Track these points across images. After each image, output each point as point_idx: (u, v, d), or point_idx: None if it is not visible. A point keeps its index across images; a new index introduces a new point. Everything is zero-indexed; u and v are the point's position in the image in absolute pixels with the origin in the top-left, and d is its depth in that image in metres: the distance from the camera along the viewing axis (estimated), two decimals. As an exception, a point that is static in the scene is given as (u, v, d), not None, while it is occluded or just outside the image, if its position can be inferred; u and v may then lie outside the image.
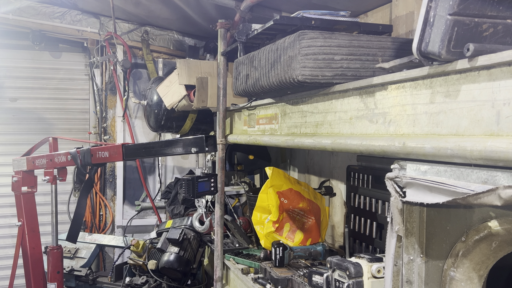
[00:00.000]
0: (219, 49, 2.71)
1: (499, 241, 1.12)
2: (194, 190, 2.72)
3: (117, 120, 4.45)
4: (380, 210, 2.15)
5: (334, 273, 1.58)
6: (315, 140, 1.72)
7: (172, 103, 3.13)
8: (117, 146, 3.08)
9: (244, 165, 3.40)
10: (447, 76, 1.15)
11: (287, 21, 1.89)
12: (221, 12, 3.15)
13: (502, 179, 0.99)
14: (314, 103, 1.82)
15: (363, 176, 2.28)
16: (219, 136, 2.74)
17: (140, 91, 4.49)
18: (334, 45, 1.59)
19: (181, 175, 4.59)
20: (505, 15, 1.09)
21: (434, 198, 1.14)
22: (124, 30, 4.32)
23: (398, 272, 1.31)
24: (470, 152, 1.02)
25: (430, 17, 1.11)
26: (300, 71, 1.58)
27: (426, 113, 1.22)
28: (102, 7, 4.00)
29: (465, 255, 1.20)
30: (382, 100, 1.41)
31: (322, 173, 3.04)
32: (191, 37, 4.47)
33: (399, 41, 1.69)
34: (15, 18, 3.98)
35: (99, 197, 4.43)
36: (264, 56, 1.84)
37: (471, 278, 1.21)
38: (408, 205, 1.28)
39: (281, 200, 2.52)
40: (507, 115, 0.98)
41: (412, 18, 2.16)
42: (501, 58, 0.98)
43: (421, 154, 1.18)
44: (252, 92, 2.03)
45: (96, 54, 4.32)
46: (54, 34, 4.16)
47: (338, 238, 2.85)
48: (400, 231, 1.28)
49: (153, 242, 3.43)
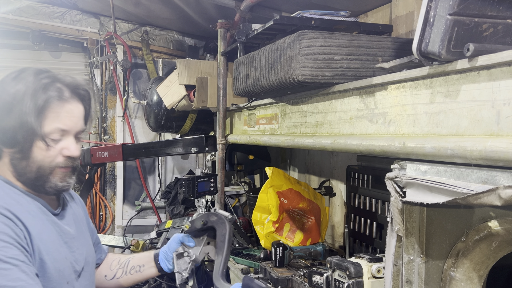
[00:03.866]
0: (219, 49, 2.71)
1: (499, 241, 1.12)
2: (194, 190, 2.72)
3: (117, 120, 4.45)
4: (380, 210, 2.15)
5: (334, 273, 1.58)
6: (315, 140, 1.72)
7: (172, 103, 3.13)
8: (117, 146, 3.08)
9: (244, 165, 3.39)
10: (447, 76, 1.15)
11: (287, 21, 1.89)
12: (221, 12, 3.15)
13: (502, 179, 0.99)
14: (314, 103, 1.82)
15: (363, 176, 2.28)
16: (219, 136, 2.74)
17: (140, 91, 4.49)
18: (334, 45, 1.59)
19: (181, 175, 4.59)
20: (505, 15, 1.09)
21: (434, 198, 1.14)
22: (124, 30, 4.32)
23: (398, 272, 1.31)
24: (470, 152, 1.02)
25: (430, 17, 1.11)
26: (300, 71, 1.58)
27: (426, 113, 1.22)
28: (102, 7, 4.00)
29: (465, 255, 1.20)
30: (382, 100, 1.41)
31: (322, 173, 3.04)
32: (191, 37, 4.47)
33: (399, 41, 1.69)
34: (15, 18, 3.97)
35: (99, 197, 4.43)
36: (264, 56, 1.84)
37: (471, 278, 1.21)
38: (408, 205, 1.28)
39: (281, 200, 2.52)
40: (507, 115, 0.98)
41: (412, 18, 2.16)
42: (501, 58, 0.98)
43: (421, 154, 1.19)
44: (252, 92, 2.03)
45: (96, 54, 4.31)
46: (54, 34, 4.16)
47: (338, 238, 2.85)
48: (400, 231, 1.29)
49: (153, 242, 3.43)
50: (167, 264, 1.64)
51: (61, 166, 1.31)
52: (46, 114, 1.26)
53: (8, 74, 1.31)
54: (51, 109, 1.26)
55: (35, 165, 1.28)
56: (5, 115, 1.25)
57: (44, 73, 1.30)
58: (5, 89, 1.26)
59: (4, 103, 1.25)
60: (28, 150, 1.26)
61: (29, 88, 1.24)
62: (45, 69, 1.32)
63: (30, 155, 1.27)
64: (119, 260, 1.70)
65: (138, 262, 1.67)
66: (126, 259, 1.70)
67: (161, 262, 1.64)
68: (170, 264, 1.63)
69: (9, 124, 1.24)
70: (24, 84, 1.25)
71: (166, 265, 1.64)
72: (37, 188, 1.32)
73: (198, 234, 1.61)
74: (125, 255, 1.76)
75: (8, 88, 1.26)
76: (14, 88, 1.25)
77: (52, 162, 1.30)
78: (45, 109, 1.25)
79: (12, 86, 1.26)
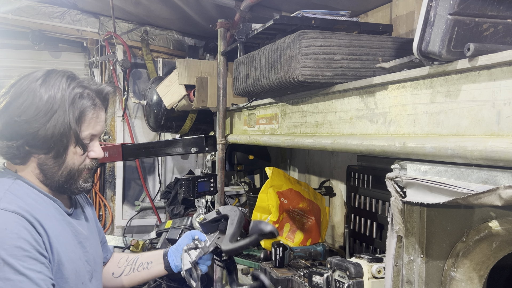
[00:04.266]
0: (219, 49, 2.70)
1: (500, 241, 1.12)
2: (194, 190, 2.72)
3: (116, 120, 4.45)
4: (380, 210, 2.15)
5: (334, 274, 1.58)
6: (315, 140, 1.72)
7: (171, 103, 3.13)
8: (117, 146, 3.08)
9: (244, 165, 3.39)
10: (448, 76, 1.14)
11: (287, 20, 1.89)
12: (221, 11, 3.15)
13: (502, 179, 0.98)
14: (314, 103, 1.81)
15: (363, 176, 2.28)
16: (219, 136, 2.74)
17: (139, 91, 4.48)
18: (334, 45, 1.59)
19: (181, 175, 4.58)
20: (505, 15, 1.09)
21: (434, 198, 1.14)
22: (123, 30, 4.31)
23: (398, 272, 1.31)
24: (470, 152, 1.02)
25: (431, 17, 1.10)
26: (300, 71, 1.57)
27: (427, 113, 1.21)
28: (102, 7, 3.99)
29: (466, 255, 1.20)
30: (382, 100, 1.41)
31: (322, 173, 3.04)
32: (191, 37, 4.46)
33: (400, 41, 1.69)
34: (15, 18, 3.97)
35: (99, 197, 4.42)
36: (264, 55, 1.84)
37: (472, 278, 1.21)
38: (409, 205, 1.28)
39: (281, 200, 2.51)
40: (507, 115, 0.98)
41: (413, 18, 2.16)
42: (502, 58, 0.98)
43: (422, 154, 1.18)
44: (252, 92, 2.03)
45: (96, 54, 4.31)
46: (53, 34, 4.15)
47: (338, 238, 2.85)
48: (401, 231, 1.28)
49: (153, 242, 3.43)
50: (174, 260, 1.64)
51: (88, 168, 1.39)
52: (83, 121, 1.33)
53: (29, 77, 1.31)
54: (86, 117, 1.33)
55: (66, 169, 1.33)
56: (43, 122, 1.26)
57: (73, 80, 1.33)
58: (36, 95, 1.27)
59: (38, 110, 1.26)
60: (63, 155, 1.31)
61: (65, 96, 1.28)
62: (71, 73, 1.36)
63: (64, 160, 1.32)
64: (128, 258, 1.72)
65: (147, 259, 1.69)
66: (135, 256, 1.72)
67: (169, 258, 1.65)
68: (178, 260, 1.63)
69: (48, 131, 1.26)
70: (58, 91, 1.28)
71: (174, 261, 1.64)
72: (63, 190, 1.37)
73: (211, 229, 1.61)
74: (134, 253, 1.77)
75: (39, 94, 1.27)
76: (47, 94, 1.27)
77: (81, 165, 1.36)
78: (82, 117, 1.32)
79: (44, 92, 1.27)
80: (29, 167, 1.33)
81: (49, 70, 1.34)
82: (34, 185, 1.33)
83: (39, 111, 1.26)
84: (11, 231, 1.17)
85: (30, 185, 1.32)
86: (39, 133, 1.26)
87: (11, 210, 1.20)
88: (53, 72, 1.33)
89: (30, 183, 1.32)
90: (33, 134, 1.26)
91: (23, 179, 1.32)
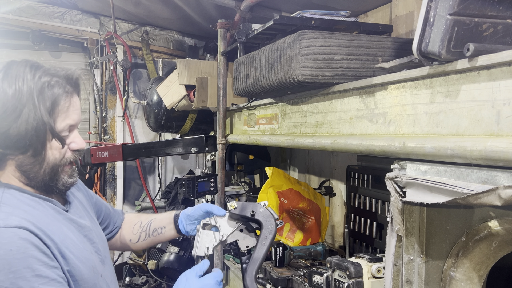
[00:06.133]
0: (219, 49, 2.71)
1: (499, 241, 1.12)
2: (194, 190, 2.72)
3: (117, 120, 4.45)
4: (380, 210, 2.15)
5: (334, 273, 1.58)
6: (315, 140, 1.72)
7: (172, 103, 3.13)
8: (117, 146, 3.08)
9: (244, 165, 3.40)
10: (447, 76, 1.15)
11: (287, 21, 1.89)
12: (221, 12, 3.15)
13: (502, 179, 0.99)
14: (314, 103, 1.82)
15: (363, 176, 2.28)
16: (219, 136, 2.74)
17: (140, 91, 4.49)
18: (334, 45, 1.59)
19: (181, 175, 4.59)
20: (505, 15, 1.09)
21: (434, 198, 1.14)
22: (124, 30, 4.32)
23: (398, 272, 1.31)
24: (470, 152, 1.02)
25: (430, 17, 1.11)
26: (300, 71, 1.58)
27: (426, 113, 1.22)
28: (102, 7, 4.00)
29: (465, 255, 1.20)
30: (382, 100, 1.41)
31: (322, 173, 3.04)
32: (191, 37, 4.47)
33: (399, 41, 1.69)
34: (15, 18, 3.97)
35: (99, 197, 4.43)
36: (264, 56, 1.84)
37: (471, 278, 1.21)
38: (408, 205, 1.28)
39: (281, 200, 2.52)
40: (507, 115, 0.98)
41: (412, 18, 2.16)
42: (501, 58, 0.98)
43: (421, 154, 1.19)
44: (252, 92, 2.03)
45: (96, 54, 4.32)
46: (54, 34, 4.16)
47: (338, 238, 2.85)
48: (400, 231, 1.28)
49: (153, 242, 3.43)
50: (185, 226, 1.60)
51: (69, 162, 1.28)
52: (56, 112, 1.21)
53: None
54: (60, 106, 1.21)
55: (48, 166, 1.23)
56: (13, 119, 1.15)
57: (38, 68, 1.22)
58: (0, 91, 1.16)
59: (5, 107, 1.15)
60: (41, 152, 1.20)
61: (32, 87, 1.17)
62: (34, 62, 1.24)
63: (44, 157, 1.21)
64: (141, 223, 1.69)
65: (160, 224, 1.67)
66: (147, 221, 1.69)
67: (179, 223, 1.62)
68: (188, 227, 1.60)
69: (21, 128, 1.15)
70: (23, 83, 1.16)
71: (184, 228, 1.60)
72: (50, 188, 1.27)
73: (235, 218, 1.53)
74: (146, 215, 1.74)
75: (3, 89, 1.16)
76: (11, 88, 1.16)
77: (63, 159, 1.25)
78: (55, 108, 1.20)
79: (8, 86, 1.16)
80: (7, 171, 1.22)
81: (9, 62, 1.21)
82: (24, 189, 1.22)
83: (6, 108, 1.14)
84: (17, 251, 1.07)
85: (20, 190, 1.22)
86: (11, 132, 1.15)
87: (13, 225, 1.10)
88: (13, 63, 1.21)
89: (20, 188, 1.22)
90: (4, 134, 1.15)
91: (10, 186, 1.21)
